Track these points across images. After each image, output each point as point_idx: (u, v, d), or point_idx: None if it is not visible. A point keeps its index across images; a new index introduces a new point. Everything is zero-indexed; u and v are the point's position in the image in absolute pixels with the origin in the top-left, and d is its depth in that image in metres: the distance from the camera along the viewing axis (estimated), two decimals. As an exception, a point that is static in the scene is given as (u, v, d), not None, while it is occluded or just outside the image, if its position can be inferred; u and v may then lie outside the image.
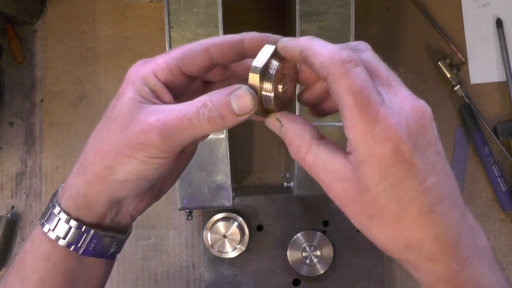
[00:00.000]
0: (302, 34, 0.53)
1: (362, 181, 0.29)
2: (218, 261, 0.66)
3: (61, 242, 0.35)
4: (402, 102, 0.29)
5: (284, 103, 0.33)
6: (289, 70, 0.33)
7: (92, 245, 0.36)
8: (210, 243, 0.64)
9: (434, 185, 0.28)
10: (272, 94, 0.31)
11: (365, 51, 0.31)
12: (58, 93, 0.70)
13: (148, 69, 0.35)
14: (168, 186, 0.40)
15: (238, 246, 0.64)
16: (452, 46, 0.70)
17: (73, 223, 0.35)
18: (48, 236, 0.36)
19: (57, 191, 0.37)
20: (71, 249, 0.36)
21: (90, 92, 0.70)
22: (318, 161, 0.31)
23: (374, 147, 0.28)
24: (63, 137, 0.70)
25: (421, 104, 0.29)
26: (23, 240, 0.68)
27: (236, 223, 0.64)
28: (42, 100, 0.70)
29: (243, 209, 0.66)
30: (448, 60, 0.69)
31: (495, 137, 0.69)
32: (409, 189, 0.28)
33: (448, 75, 0.68)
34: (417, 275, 0.31)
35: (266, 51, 0.31)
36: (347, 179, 0.30)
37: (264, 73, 0.31)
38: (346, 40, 0.53)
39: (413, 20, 0.71)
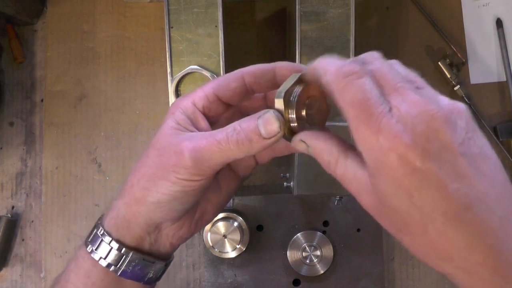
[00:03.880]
0: (302, 34, 0.53)
1: (380, 195, 0.28)
2: (218, 261, 0.66)
3: (102, 262, 0.37)
4: (410, 108, 0.27)
5: (313, 127, 0.34)
6: (314, 95, 0.34)
7: (130, 268, 0.37)
8: (210, 243, 0.64)
9: (459, 191, 0.26)
10: (294, 116, 0.33)
11: (374, 61, 0.30)
12: (58, 93, 0.70)
13: (187, 100, 0.37)
14: (210, 217, 0.41)
15: (238, 246, 0.64)
16: (452, 46, 0.70)
17: (114, 244, 0.37)
18: (91, 256, 0.37)
19: (103, 214, 0.39)
20: (111, 269, 0.37)
21: (90, 92, 0.70)
22: (347, 173, 0.31)
23: (382, 159, 0.27)
24: (63, 137, 0.70)
25: (432, 107, 0.27)
26: (23, 240, 0.69)
27: (236, 223, 0.64)
28: (42, 100, 0.70)
29: (243, 209, 0.66)
30: (448, 60, 0.69)
31: (495, 137, 0.69)
32: (428, 199, 0.27)
33: (448, 75, 0.68)
34: (458, 286, 0.29)
35: (291, 78, 0.33)
36: (371, 192, 0.29)
37: (287, 97, 0.32)
38: (346, 40, 0.53)
39: (413, 20, 0.71)
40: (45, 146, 0.70)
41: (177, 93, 0.54)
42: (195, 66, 0.53)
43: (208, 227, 0.64)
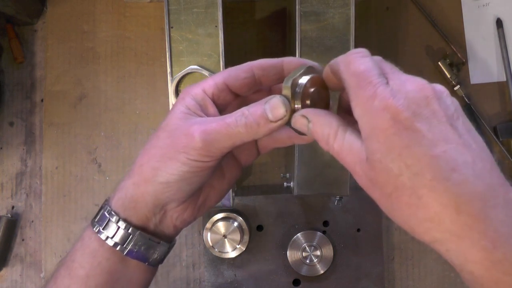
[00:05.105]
0: (302, 34, 0.53)
1: (373, 157, 0.30)
2: (218, 261, 0.66)
3: (109, 241, 0.38)
4: (402, 82, 0.30)
5: None
6: (318, 87, 0.36)
7: (136, 247, 0.38)
8: (210, 243, 0.64)
9: (446, 153, 0.28)
10: (300, 105, 0.35)
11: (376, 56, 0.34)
12: (58, 93, 0.70)
13: (198, 87, 0.39)
14: (212, 202, 0.42)
15: (238, 246, 0.64)
16: (452, 46, 0.70)
17: (121, 223, 0.38)
18: (97, 235, 0.38)
19: (109, 196, 0.40)
20: (117, 249, 0.38)
21: (90, 92, 0.70)
22: (344, 145, 0.32)
23: (375, 119, 0.29)
24: (63, 137, 0.70)
25: (423, 81, 0.30)
26: (23, 240, 0.69)
27: (236, 223, 0.64)
28: (42, 100, 0.70)
29: (243, 209, 0.66)
30: (448, 60, 0.69)
31: (495, 137, 0.69)
32: (417, 156, 0.28)
33: (448, 75, 0.68)
34: (449, 258, 0.29)
35: (297, 70, 0.36)
36: (364, 161, 0.31)
37: (293, 86, 0.35)
38: (346, 40, 0.53)
39: (413, 20, 0.71)
40: (45, 146, 0.70)
41: (177, 93, 0.54)
42: (195, 66, 0.53)
43: (208, 226, 0.64)
